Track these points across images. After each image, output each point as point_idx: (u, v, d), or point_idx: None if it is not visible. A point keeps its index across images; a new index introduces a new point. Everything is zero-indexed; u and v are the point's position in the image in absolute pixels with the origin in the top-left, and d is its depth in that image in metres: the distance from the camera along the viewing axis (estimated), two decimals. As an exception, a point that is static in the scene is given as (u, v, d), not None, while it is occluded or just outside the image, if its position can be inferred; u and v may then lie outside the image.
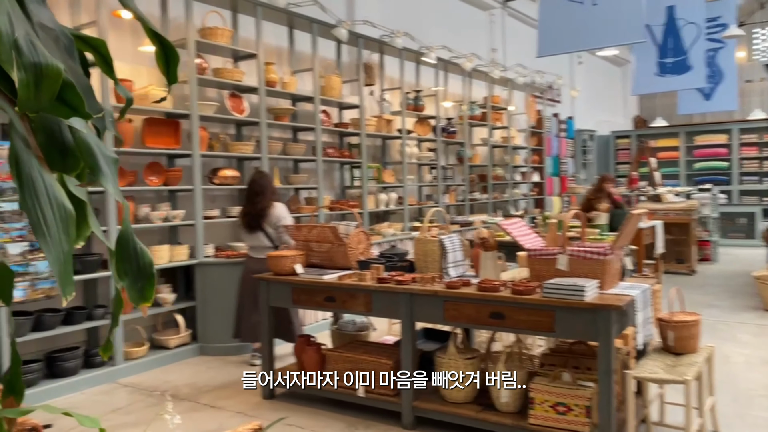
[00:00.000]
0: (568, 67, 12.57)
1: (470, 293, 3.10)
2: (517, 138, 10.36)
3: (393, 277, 3.41)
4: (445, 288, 3.21)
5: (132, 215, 4.57)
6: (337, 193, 7.06)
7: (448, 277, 3.47)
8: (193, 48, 4.90)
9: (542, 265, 3.12)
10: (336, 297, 3.57)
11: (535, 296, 2.95)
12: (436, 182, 8.12)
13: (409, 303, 3.31)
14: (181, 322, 4.85)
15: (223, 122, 5.58)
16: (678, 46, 9.47)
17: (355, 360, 3.54)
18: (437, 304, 3.22)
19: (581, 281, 2.90)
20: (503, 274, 3.47)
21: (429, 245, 3.55)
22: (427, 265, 3.56)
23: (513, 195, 10.03)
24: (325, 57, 6.67)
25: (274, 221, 4.51)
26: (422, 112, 7.83)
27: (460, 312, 3.16)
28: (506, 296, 3.00)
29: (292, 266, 3.78)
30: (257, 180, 4.61)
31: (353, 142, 7.02)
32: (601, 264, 2.97)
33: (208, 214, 5.17)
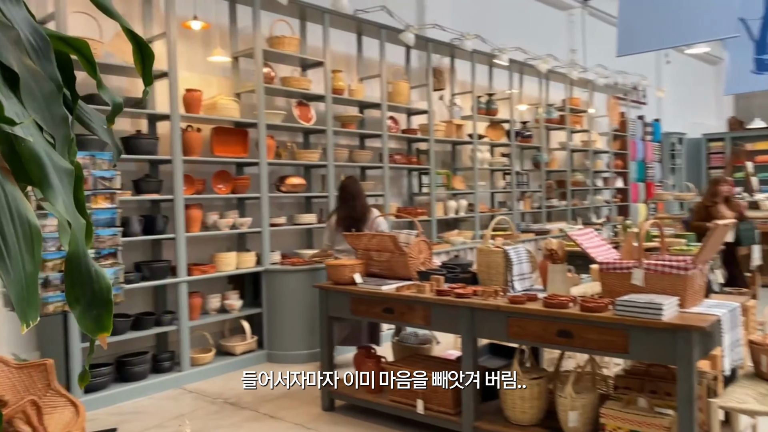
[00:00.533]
0: (655, 67, 11.91)
1: (535, 309, 2.89)
2: (599, 142, 9.89)
3: (453, 290, 3.25)
4: (508, 303, 3.02)
5: (200, 222, 4.64)
6: (405, 200, 6.95)
7: (512, 290, 3.27)
8: (261, 57, 4.93)
9: (615, 279, 2.87)
10: (394, 308, 3.45)
11: (607, 314, 2.70)
12: (510, 188, 7.85)
13: (470, 318, 3.13)
14: (248, 328, 4.87)
15: (291, 130, 5.60)
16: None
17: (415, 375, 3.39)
18: (500, 319, 3.03)
19: (659, 298, 2.63)
20: (573, 289, 3.23)
21: (492, 256, 3.36)
22: (491, 277, 3.37)
23: (594, 202, 9.57)
24: (394, 62, 6.58)
25: (374, 227, 4.49)
26: (495, 116, 7.59)
27: (524, 329, 2.95)
28: (575, 313, 2.77)
29: (351, 275, 3.70)
30: (350, 185, 4.60)
31: (422, 148, 6.89)
32: (681, 279, 2.69)
33: (275, 222, 5.18)
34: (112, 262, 3.39)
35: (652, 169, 11.43)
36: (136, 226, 4.21)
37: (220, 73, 5.17)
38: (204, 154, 4.78)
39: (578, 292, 3.16)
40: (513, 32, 8.15)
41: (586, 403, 2.92)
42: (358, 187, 4.65)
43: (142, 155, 4.31)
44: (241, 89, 5.12)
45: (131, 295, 4.36)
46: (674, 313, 2.63)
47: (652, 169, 11.43)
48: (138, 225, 4.23)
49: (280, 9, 5.25)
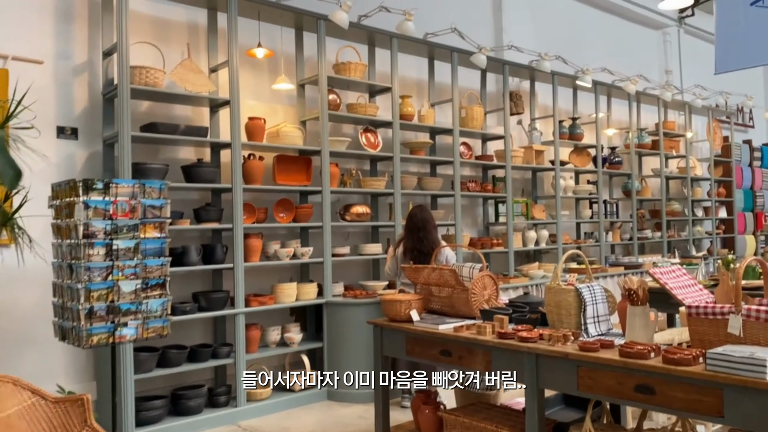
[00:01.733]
0: (764, 87, 10.93)
1: (610, 359, 2.49)
2: (698, 168, 9.10)
3: (517, 332, 2.89)
4: (578, 350, 2.63)
5: (260, 252, 4.52)
6: (480, 230, 6.59)
7: (585, 335, 2.87)
8: (325, 83, 4.82)
9: (707, 327, 2.42)
10: (452, 350, 3.13)
11: (696, 368, 2.26)
12: (597, 218, 7.30)
13: (534, 365, 2.76)
14: (307, 363, 4.68)
15: (358, 158, 5.44)
16: None
17: (474, 427, 3.04)
18: (569, 369, 2.65)
19: (762, 352, 2.17)
20: (658, 336, 2.79)
21: (563, 295, 2.97)
22: (561, 319, 2.98)
23: (694, 233, 8.77)
24: (469, 87, 6.32)
25: (442, 260, 4.26)
26: (580, 141, 7.12)
27: (596, 381, 2.55)
28: (656, 366, 2.35)
29: (407, 312, 3.41)
30: (417, 214, 4.37)
31: (498, 175, 6.54)
32: (791, 330, 2.22)
33: (338, 252, 5.00)
34: (159, 293, 3.29)
35: (761, 197, 10.40)
36: (194, 255, 4.15)
37: (286, 102, 5.11)
38: (266, 183, 4.70)
39: (663, 340, 2.72)
40: (602, 53, 7.69)
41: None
42: (426, 216, 4.38)
43: (202, 183, 4.27)
44: (306, 117, 5.03)
45: (188, 326, 4.29)
46: (782, 371, 2.16)
47: (761, 197, 10.40)
48: (196, 254, 4.17)
49: (348, 35, 5.15)
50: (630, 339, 2.66)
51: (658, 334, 2.81)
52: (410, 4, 5.14)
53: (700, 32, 9.44)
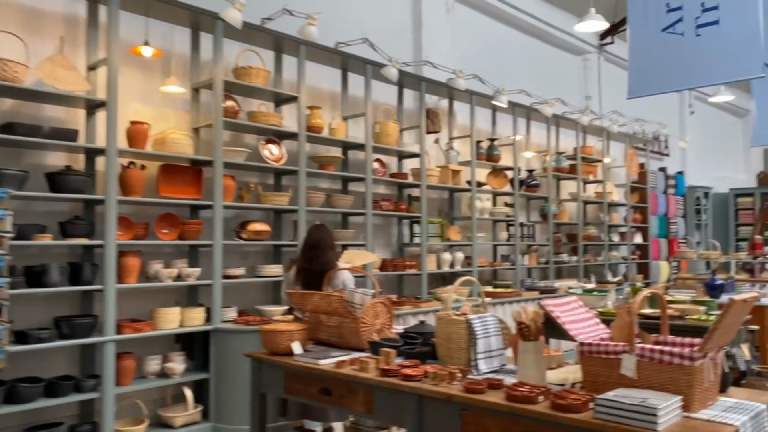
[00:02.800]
0: (678, 117, 11.28)
1: (494, 402, 2.21)
2: (615, 194, 9.19)
3: (401, 369, 2.59)
4: (461, 391, 2.35)
5: (137, 272, 4.06)
6: (394, 250, 6.32)
7: (476, 372, 2.60)
8: (221, 88, 4.44)
9: (600, 367, 2.19)
10: (332, 389, 2.79)
11: (585, 415, 2.02)
12: (514, 241, 7.17)
13: (417, 407, 2.46)
14: (189, 396, 4.22)
15: (261, 171, 5.06)
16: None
17: (352, 475, 2.71)
18: (452, 413, 2.36)
19: (655, 398, 1.94)
20: (553, 374, 2.54)
21: (453, 327, 2.70)
22: (451, 353, 2.70)
23: (610, 258, 8.81)
24: (386, 102, 6.07)
25: (338, 285, 3.90)
26: (497, 162, 7.00)
27: (481, 427, 2.27)
28: (542, 412, 2.09)
29: (288, 344, 3.05)
30: (312, 233, 4.02)
31: (414, 194, 6.30)
32: (687, 372, 2.00)
33: (232, 273, 4.59)
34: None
35: (675, 224, 10.65)
36: (55, 274, 3.65)
37: (179, 107, 4.69)
38: (148, 195, 4.25)
39: (557, 379, 2.47)
40: (522, 76, 7.64)
41: None
42: (322, 235, 4.05)
43: (70, 193, 3.78)
44: (200, 123, 4.62)
45: (47, 355, 3.78)
46: (675, 420, 1.94)
47: (675, 224, 10.65)
48: (59, 274, 3.67)
49: (252, 39, 4.80)
50: (521, 378, 2.40)
51: (554, 372, 2.57)
52: (322, 10, 4.85)
53: (619, 60, 9.61)
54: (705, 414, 2.00)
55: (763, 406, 2.11)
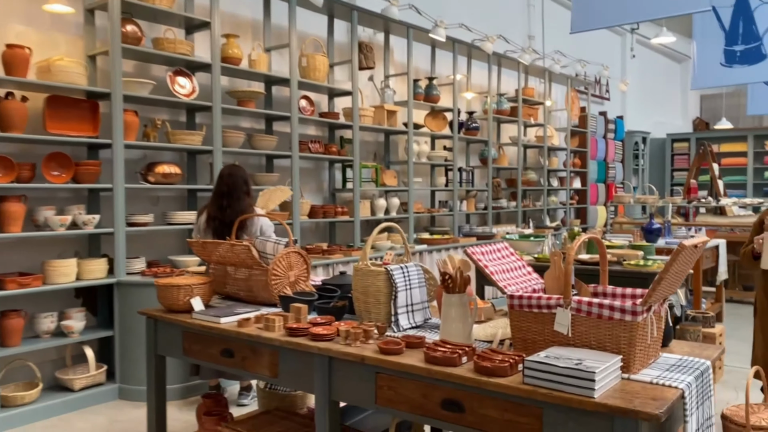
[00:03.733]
0: (620, 60, 11.13)
1: (411, 365, 1.92)
2: (555, 138, 9.02)
3: (310, 328, 2.26)
4: (376, 352, 2.04)
5: (22, 219, 3.56)
6: (326, 196, 5.94)
7: (396, 329, 2.30)
8: (118, 8, 3.86)
9: (531, 322, 1.92)
10: (234, 351, 2.45)
11: (512, 380, 1.74)
12: (452, 186, 6.90)
13: (327, 371, 2.15)
14: (91, 356, 3.82)
15: (171, 107, 4.54)
16: (750, 30, 8.00)
17: (257, 446, 2.40)
18: (366, 377, 2.06)
19: (592, 359, 1.69)
20: (480, 328, 2.27)
21: (371, 279, 2.37)
22: (369, 308, 2.39)
23: (548, 203, 8.70)
24: (314, 33, 5.57)
25: (255, 233, 3.53)
26: (436, 103, 6.63)
27: (398, 393, 1.98)
28: (463, 376, 1.80)
29: (187, 300, 2.68)
30: (225, 176, 3.61)
31: (346, 136, 5.89)
32: (628, 329, 1.75)
33: (138, 220, 4.13)
34: None
35: (613, 169, 10.64)
36: None
37: (72, 31, 4.08)
38: (33, 131, 3.70)
39: (485, 335, 2.20)
40: (464, 11, 7.22)
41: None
42: (237, 179, 3.64)
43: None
44: (96, 50, 4.04)
45: None
46: (614, 384, 1.69)
47: (613, 169, 10.64)
48: None
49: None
50: (444, 336, 2.12)
51: (482, 326, 2.30)
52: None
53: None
54: (647, 375, 1.75)
55: (708, 362, 1.89)
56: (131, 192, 4.18)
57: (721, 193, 8.36)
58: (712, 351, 2.02)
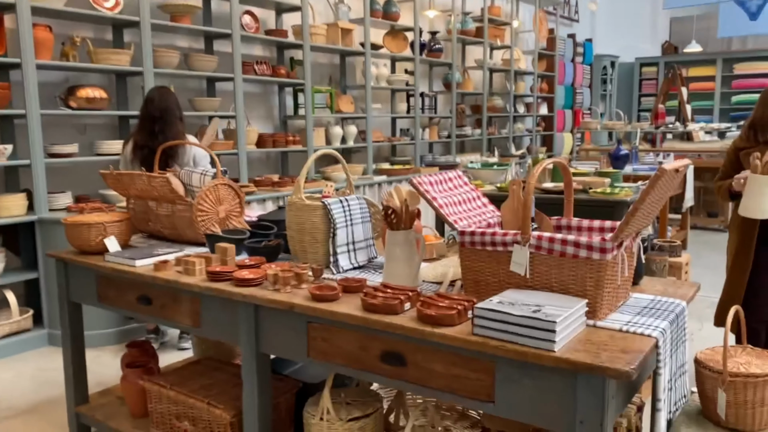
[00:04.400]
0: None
1: (346, 314, 1.65)
2: (522, 61, 8.63)
3: (234, 272, 1.96)
4: (308, 299, 1.76)
5: None
6: (276, 124, 5.54)
7: (335, 271, 2.02)
8: None
9: (484, 261, 1.65)
10: (152, 298, 2.14)
11: (460, 330, 1.49)
12: (414, 113, 6.54)
13: (253, 321, 1.87)
14: (13, 300, 3.48)
15: (94, 21, 4.04)
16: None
17: (182, 403, 2.15)
18: (297, 327, 1.79)
19: (552, 304, 1.43)
20: (429, 267, 2.01)
21: (306, 214, 2.07)
22: (305, 248, 2.10)
23: (514, 131, 8.42)
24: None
25: (187, 163, 3.18)
26: (396, 21, 6.17)
27: (332, 345, 1.72)
28: (403, 326, 1.54)
29: (100, 239, 2.34)
30: (155, 98, 3.21)
31: (297, 57, 5.44)
32: (595, 268, 1.49)
33: (60, 150, 3.71)
34: None
35: (581, 94, 10.36)
36: None
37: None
38: None
39: (434, 276, 1.94)
40: None
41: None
42: (168, 103, 3.25)
43: None
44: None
45: None
46: (577, 333, 1.45)
47: (581, 94, 10.36)
48: None
49: None
50: (387, 278, 1.84)
51: (431, 266, 2.03)
52: None
53: None
54: (616, 321, 1.51)
55: (683, 303, 1.66)
56: (51, 119, 3.75)
57: (689, 119, 8.18)
58: (686, 289, 1.80)
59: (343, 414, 1.89)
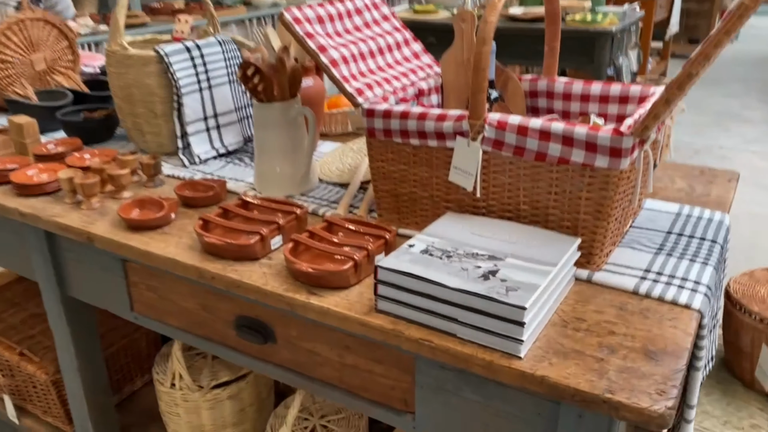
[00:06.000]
0: None
1: (170, 260, 0.96)
2: None
3: (19, 168, 1.23)
4: (118, 224, 1.06)
5: None
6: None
7: (189, 161, 1.31)
8: None
9: (406, 165, 0.95)
10: None
11: (356, 296, 0.83)
12: None
13: (47, 253, 1.18)
14: None
15: None
16: None
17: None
18: (110, 267, 1.11)
19: (519, 251, 0.77)
20: (337, 157, 1.32)
21: (132, 72, 1.29)
22: (140, 126, 1.35)
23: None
24: None
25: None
26: None
27: (164, 300, 1.06)
28: (261, 289, 0.87)
29: None
30: None
31: None
32: (598, 183, 0.81)
33: None
34: None
35: None
36: None
37: None
38: None
39: (340, 173, 1.24)
40: None
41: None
42: None
43: None
44: None
45: None
46: (560, 304, 0.80)
47: None
48: None
49: None
50: (259, 184, 1.15)
51: (338, 151, 1.32)
52: None
53: None
54: (626, 270, 0.87)
55: (725, 217, 1.02)
56: None
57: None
58: (724, 186, 1.15)
59: (205, 378, 1.29)
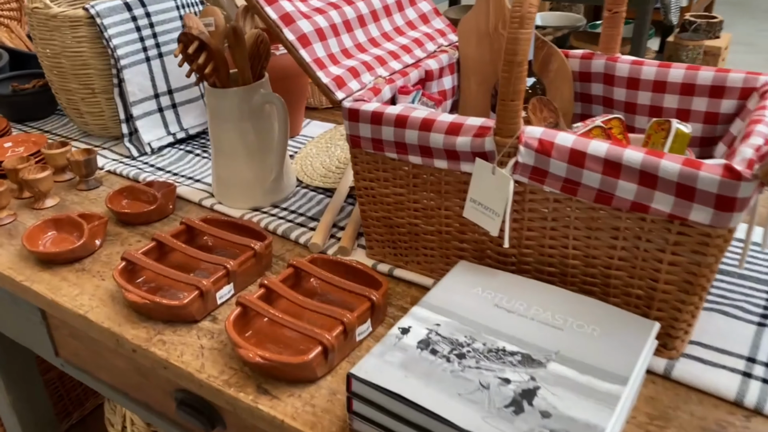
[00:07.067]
0: None
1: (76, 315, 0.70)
2: None
3: None
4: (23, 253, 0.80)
5: None
6: None
7: (136, 152, 1.03)
8: None
9: (400, 188, 0.67)
10: None
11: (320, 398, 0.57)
12: None
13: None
14: None
15: None
16: None
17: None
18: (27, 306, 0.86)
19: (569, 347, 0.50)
20: (319, 150, 1.03)
21: (59, 37, 1.00)
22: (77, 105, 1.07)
23: None
24: None
25: None
26: None
27: (91, 352, 0.81)
28: (195, 377, 0.62)
29: None
30: None
31: None
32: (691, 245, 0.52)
33: None
34: None
35: None
36: None
37: None
38: None
39: (324, 176, 0.95)
40: None
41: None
42: None
43: None
44: None
45: None
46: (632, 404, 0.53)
47: None
48: None
49: None
50: (217, 191, 0.87)
51: (321, 139, 1.04)
52: None
53: None
54: (721, 358, 0.59)
55: None
56: None
57: None
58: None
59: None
